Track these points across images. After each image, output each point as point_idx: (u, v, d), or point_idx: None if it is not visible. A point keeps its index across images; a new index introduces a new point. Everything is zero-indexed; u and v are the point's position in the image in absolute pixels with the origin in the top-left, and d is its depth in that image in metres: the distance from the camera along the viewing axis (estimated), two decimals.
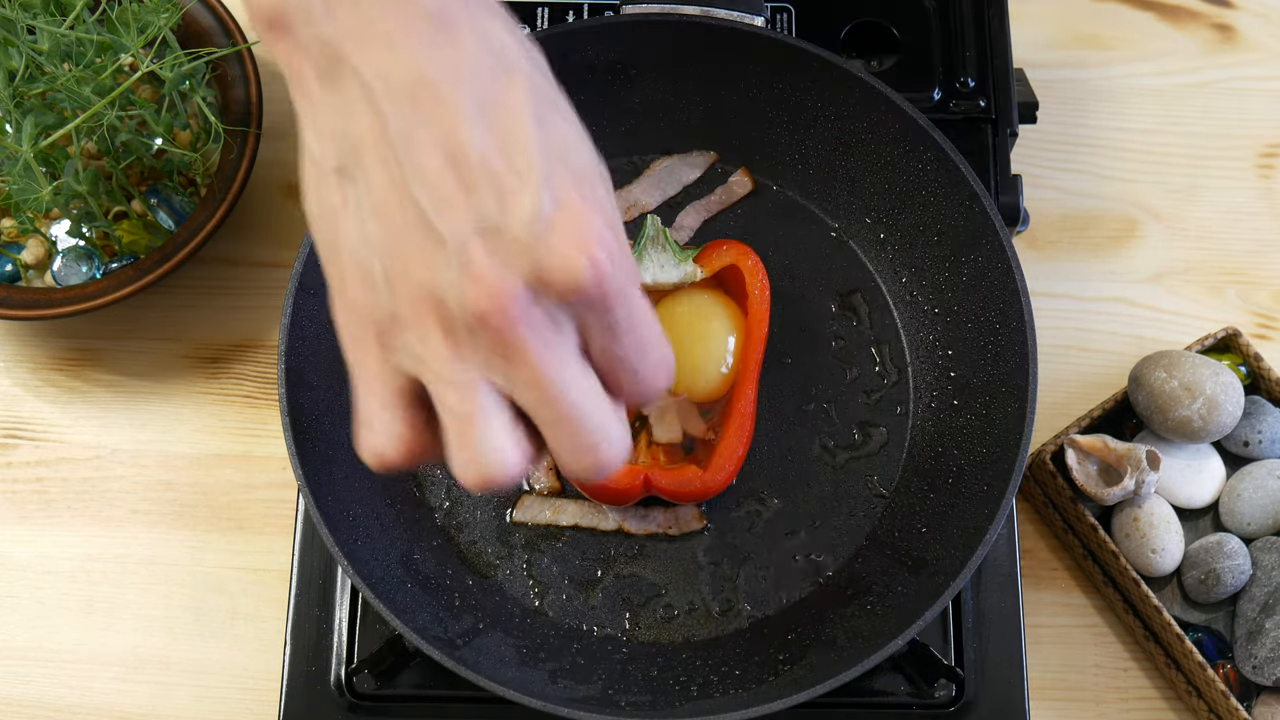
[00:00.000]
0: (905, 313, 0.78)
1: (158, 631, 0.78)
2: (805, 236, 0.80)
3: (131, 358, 0.84)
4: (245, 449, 0.82)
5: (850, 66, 0.75)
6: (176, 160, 0.82)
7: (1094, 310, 0.86)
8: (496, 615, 0.71)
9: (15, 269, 0.81)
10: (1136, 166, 0.90)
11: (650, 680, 0.69)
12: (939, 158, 0.74)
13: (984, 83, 0.82)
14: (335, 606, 0.72)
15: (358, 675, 0.71)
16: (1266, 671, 0.72)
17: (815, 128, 0.79)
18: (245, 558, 0.79)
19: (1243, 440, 0.77)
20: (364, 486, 0.71)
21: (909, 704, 0.71)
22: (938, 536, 0.71)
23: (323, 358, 0.72)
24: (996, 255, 0.72)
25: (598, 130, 0.85)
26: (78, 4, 0.78)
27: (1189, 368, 0.75)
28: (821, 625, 0.70)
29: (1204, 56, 0.93)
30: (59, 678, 0.77)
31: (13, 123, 0.77)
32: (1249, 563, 0.74)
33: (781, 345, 0.77)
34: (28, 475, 0.81)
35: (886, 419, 0.76)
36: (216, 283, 0.85)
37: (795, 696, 0.64)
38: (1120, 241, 0.88)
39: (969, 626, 0.72)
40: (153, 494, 0.80)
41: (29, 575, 0.79)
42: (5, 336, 0.84)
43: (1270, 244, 0.88)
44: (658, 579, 0.73)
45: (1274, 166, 0.90)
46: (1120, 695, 0.77)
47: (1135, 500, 0.75)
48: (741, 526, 0.74)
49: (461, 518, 0.74)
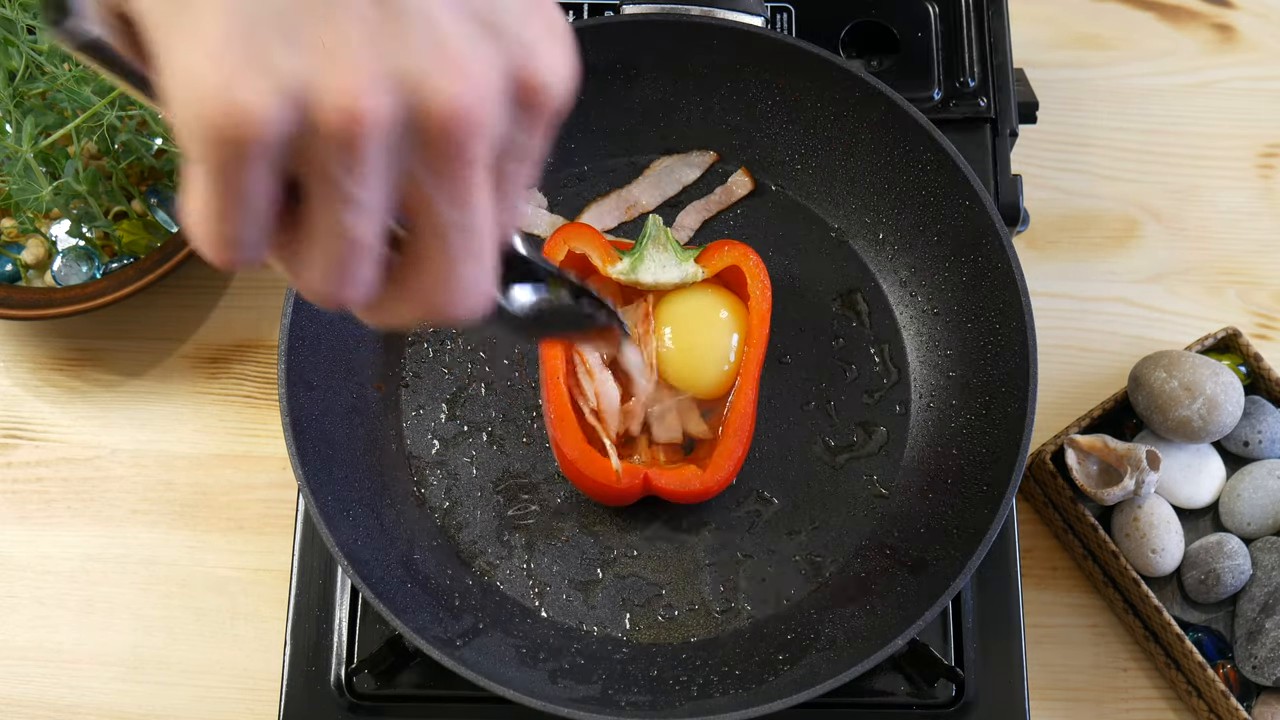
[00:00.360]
0: (905, 313, 0.78)
1: (158, 631, 0.78)
2: (805, 236, 0.80)
3: (131, 358, 0.84)
4: (245, 449, 0.82)
5: (850, 66, 0.75)
6: (176, 160, 0.82)
7: (1094, 310, 0.86)
8: (496, 615, 0.71)
9: (15, 269, 0.81)
10: (1136, 166, 0.90)
11: (650, 680, 0.69)
12: (939, 158, 0.74)
13: (984, 83, 0.82)
14: (335, 606, 0.72)
15: (358, 675, 0.71)
16: (1266, 671, 0.72)
17: (815, 128, 0.79)
18: (245, 558, 0.79)
19: (1243, 440, 0.77)
20: (364, 486, 0.71)
21: (909, 704, 0.71)
22: (938, 536, 0.71)
23: (323, 358, 0.72)
24: (996, 255, 0.72)
25: (598, 130, 0.85)
26: None
27: (1189, 368, 0.75)
28: (821, 625, 0.70)
29: (1204, 56, 0.93)
30: (59, 678, 0.77)
31: (13, 123, 0.77)
32: (1249, 563, 0.74)
33: (781, 345, 0.77)
34: (28, 475, 0.81)
35: (886, 419, 0.76)
36: (216, 283, 0.85)
37: (795, 696, 0.64)
38: (1120, 241, 0.88)
39: (969, 626, 0.72)
40: (153, 494, 0.80)
41: (29, 575, 0.79)
42: (5, 336, 0.84)
43: (1270, 244, 0.88)
44: (658, 579, 0.73)
45: (1274, 166, 0.90)
46: (1120, 695, 0.77)
47: (1135, 500, 0.75)
48: (741, 526, 0.74)
49: (461, 518, 0.74)
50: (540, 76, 0.36)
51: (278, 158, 0.34)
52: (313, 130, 0.33)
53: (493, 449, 0.75)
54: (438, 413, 0.76)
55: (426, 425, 0.75)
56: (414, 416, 0.76)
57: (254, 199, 0.35)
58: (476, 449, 0.75)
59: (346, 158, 0.34)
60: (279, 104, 0.33)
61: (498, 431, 0.75)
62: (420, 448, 0.75)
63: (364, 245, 0.36)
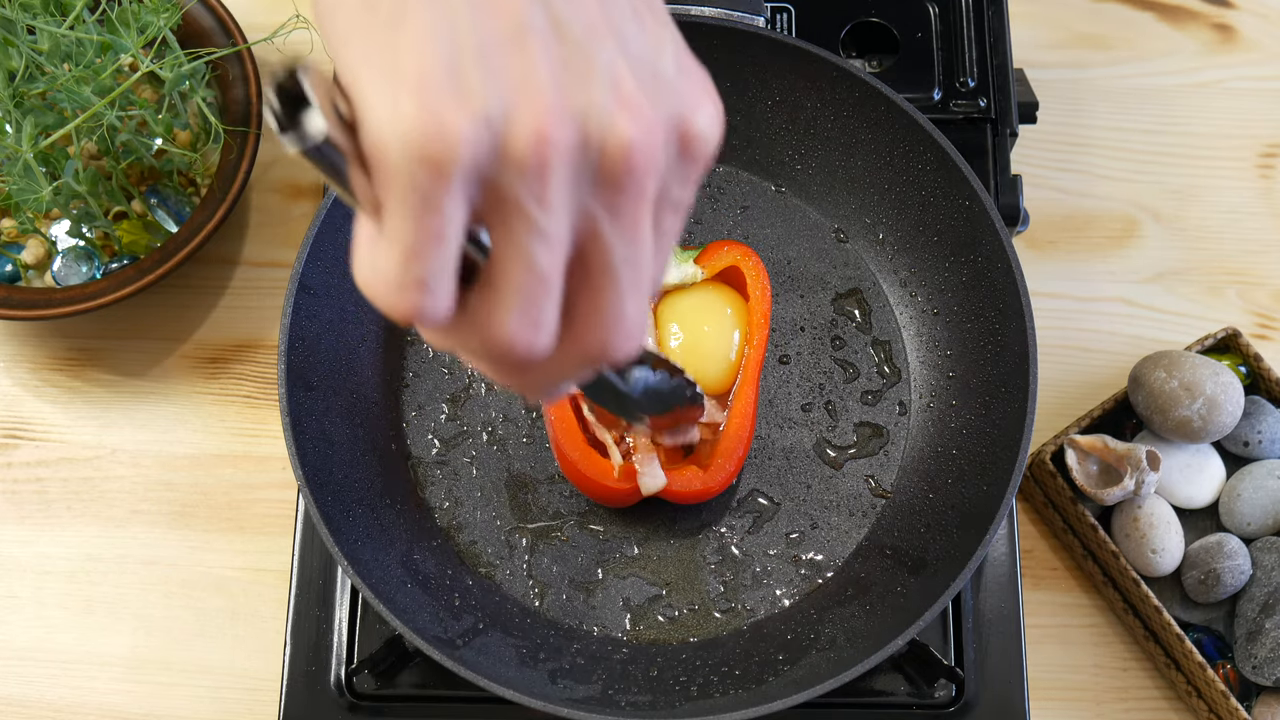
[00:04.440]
0: (905, 313, 0.78)
1: (158, 631, 0.78)
2: (805, 236, 0.80)
3: (131, 358, 0.84)
4: (245, 449, 0.82)
5: (850, 66, 0.76)
6: (176, 160, 0.82)
7: (1094, 310, 0.86)
8: (496, 615, 0.71)
9: (15, 269, 0.81)
10: (1136, 166, 0.90)
11: (650, 680, 0.69)
12: (939, 158, 0.74)
13: (984, 83, 0.82)
14: (335, 606, 0.72)
15: (358, 675, 0.71)
16: (1266, 671, 0.72)
17: (815, 128, 0.79)
18: (245, 558, 0.79)
19: (1243, 440, 0.77)
20: (364, 486, 0.71)
21: (909, 704, 0.71)
22: (938, 536, 0.71)
23: (323, 358, 0.72)
24: (996, 255, 0.73)
25: None
26: (78, 4, 0.78)
27: (1189, 368, 0.75)
28: (821, 625, 0.70)
29: (1204, 56, 0.93)
30: (59, 678, 0.77)
31: (13, 123, 0.77)
32: (1249, 563, 0.74)
33: (782, 345, 0.77)
34: (28, 475, 0.81)
35: (886, 419, 0.76)
36: (216, 283, 0.85)
37: (795, 696, 0.64)
38: (1120, 241, 0.88)
39: (969, 626, 0.72)
40: (153, 494, 0.80)
41: (29, 575, 0.79)
42: (5, 336, 0.84)
43: (1270, 244, 0.88)
44: (658, 579, 0.73)
45: (1274, 166, 0.90)
46: (1120, 695, 0.77)
47: (1135, 500, 0.75)
48: (741, 527, 0.74)
49: (462, 518, 0.74)
50: (698, 127, 0.38)
51: (472, 186, 0.35)
52: (505, 156, 0.35)
53: (493, 449, 0.75)
54: (438, 413, 0.76)
55: (426, 425, 0.76)
56: (414, 416, 0.76)
57: (450, 234, 0.35)
58: (477, 449, 0.75)
59: (536, 185, 0.35)
60: (477, 126, 0.34)
61: (498, 432, 0.75)
62: (420, 448, 0.75)
63: (550, 280, 0.37)
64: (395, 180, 0.34)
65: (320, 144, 0.34)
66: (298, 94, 0.34)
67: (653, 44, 0.38)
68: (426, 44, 0.34)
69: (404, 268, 0.36)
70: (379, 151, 0.34)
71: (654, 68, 0.37)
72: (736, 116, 0.80)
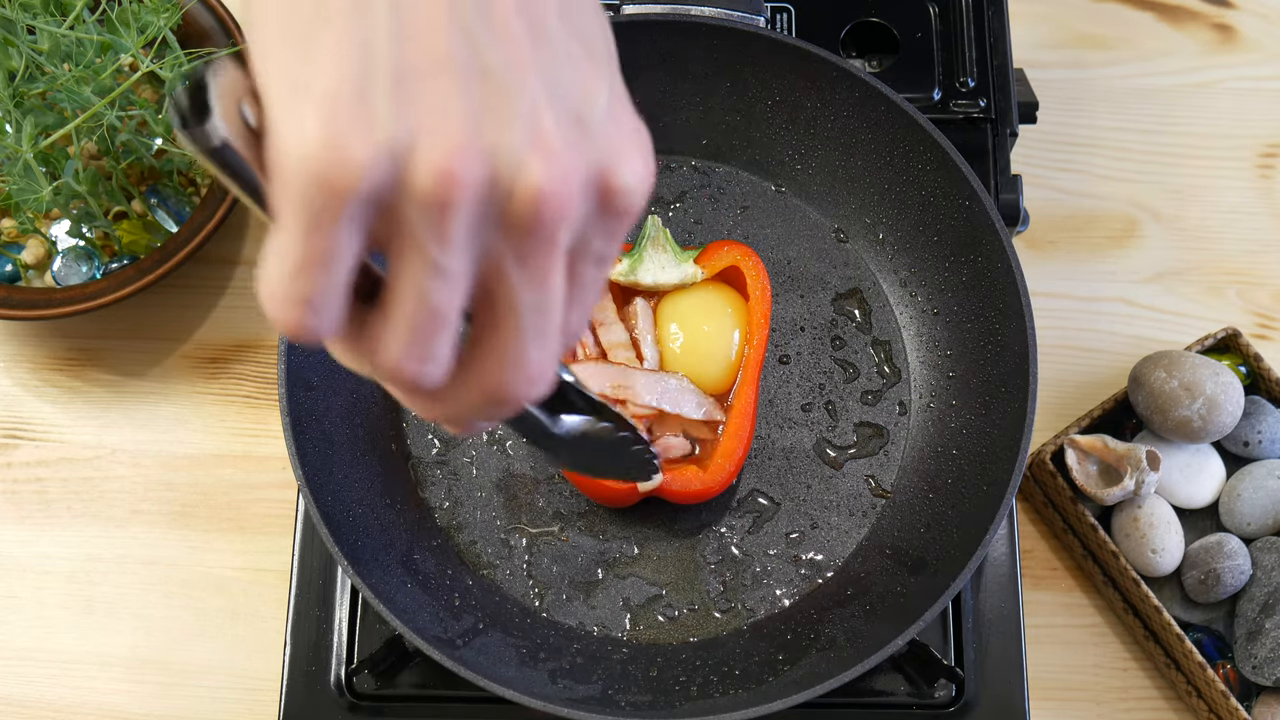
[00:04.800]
0: (905, 313, 0.78)
1: (158, 631, 0.78)
2: (805, 236, 0.80)
3: (131, 358, 0.84)
4: (245, 449, 0.82)
5: (850, 66, 0.76)
6: (176, 160, 0.82)
7: (1094, 310, 0.86)
8: (496, 615, 0.71)
9: (15, 269, 0.81)
10: (1136, 166, 0.90)
11: (650, 680, 0.69)
12: (939, 158, 0.74)
13: (984, 83, 0.82)
14: (335, 606, 0.72)
15: (358, 675, 0.71)
16: (1266, 671, 0.72)
17: (815, 128, 0.79)
18: (245, 558, 0.79)
19: (1243, 440, 0.77)
20: (364, 486, 0.71)
21: (909, 704, 0.71)
22: (938, 536, 0.71)
23: (323, 357, 0.72)
24: (996, 255, 0.72)
25: None
26: (78, 4, 0.78)
27: (1189, 368, 0.75)
28: (821, 625, 0.70)
29: (1204, 56, 0.93)
30: (59, 678, 0.77)
31: (13, 123, 0.77)
32: (1249, 563, 0.74)
33: (782, 345, 0.77)
34: (28, 475, 0.81)
35: (886, 419, 0.76)
36: (216, 283, 0.85)
37: (795, 696, 0.64)
38: (1120, 241, 0.88)
39: (969, 626, 0.72)
40: (153, 494, 0.80)
41: (29, 575, 0.79)
42: (5, 336, 0.84)
43: (1270, 244, 0.88)
44: (658, 579, 0.73)
45: (1274, 166, 0.90)
46: (1120, 695, 0.77)
47: (1135, 500, 0.75)
48: (741, 527, 0.74)
49: (462, 518, 0.74)
50: (622, 179, 0.37)
51: (369, 214, 0.35)
52: (407, 189, 0.34)
53: (493, 449, 0.75)
54: None
55: (426, 425, 0.75)
56: (414, 416, 0.76)
57: (339, 257, 0.35)
58: (477, 449, 0.75)
59: (437, 222, 0.34)
60: (379, 156, 0.33)
61: (498, 432, 0.75)
62: (420, 448, 0.75)
63: (445, 317, 0.36)
64: (289, 197, 0.34)
65: (218, 148, 0.34)
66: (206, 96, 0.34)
67: (584, 90, 0.37)
68: (340, 65, 0.34)
69: (290, 284, 0.35)
70: (278, 166, 0.34)
71: (579, 114, 0.36)
72: (736, 116, 0.80)
